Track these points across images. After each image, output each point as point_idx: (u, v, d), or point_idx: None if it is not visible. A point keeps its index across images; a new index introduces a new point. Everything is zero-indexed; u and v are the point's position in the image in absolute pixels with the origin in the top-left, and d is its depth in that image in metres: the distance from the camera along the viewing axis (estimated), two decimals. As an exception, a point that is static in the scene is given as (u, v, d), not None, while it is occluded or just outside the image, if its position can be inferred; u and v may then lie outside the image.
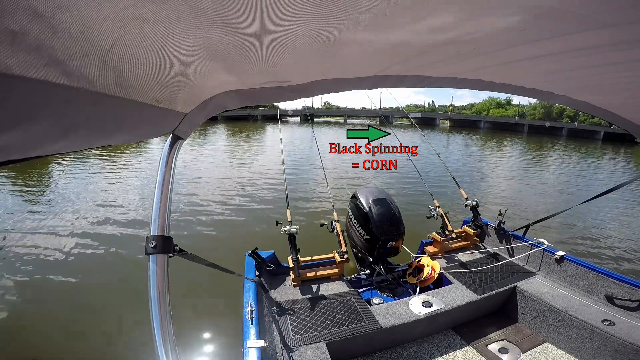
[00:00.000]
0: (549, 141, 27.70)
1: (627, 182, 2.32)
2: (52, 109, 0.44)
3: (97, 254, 4.93)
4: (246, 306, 1.95)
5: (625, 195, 7.56)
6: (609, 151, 21.44)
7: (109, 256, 4.87)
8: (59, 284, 4.13)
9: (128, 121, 0.66)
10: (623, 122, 1.56)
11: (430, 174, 8.77)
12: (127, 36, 0.42)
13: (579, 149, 22.18)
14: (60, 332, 3.27)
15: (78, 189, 8.54)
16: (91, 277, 4.29)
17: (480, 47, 0.75)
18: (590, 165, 14.34)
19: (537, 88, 1.20)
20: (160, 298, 0.77)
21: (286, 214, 2.78)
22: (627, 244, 5.14)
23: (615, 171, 13.93)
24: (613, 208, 6.77)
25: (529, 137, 32.02)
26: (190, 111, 0.81)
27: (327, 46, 0.63)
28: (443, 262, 2.88)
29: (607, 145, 24.49)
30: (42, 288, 4.06)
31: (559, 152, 19.96)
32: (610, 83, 1.07)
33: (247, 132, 25.56)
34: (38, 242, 5.30)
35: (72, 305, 3.71)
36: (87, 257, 4.84)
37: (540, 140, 28.76)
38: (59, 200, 7.55)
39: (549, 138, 31.86)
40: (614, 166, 15.03)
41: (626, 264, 4.46)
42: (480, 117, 51.73)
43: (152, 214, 0.82)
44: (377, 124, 49.32)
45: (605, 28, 0.61)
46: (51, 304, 3.73)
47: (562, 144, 25.97)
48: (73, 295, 3.92)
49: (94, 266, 4.59)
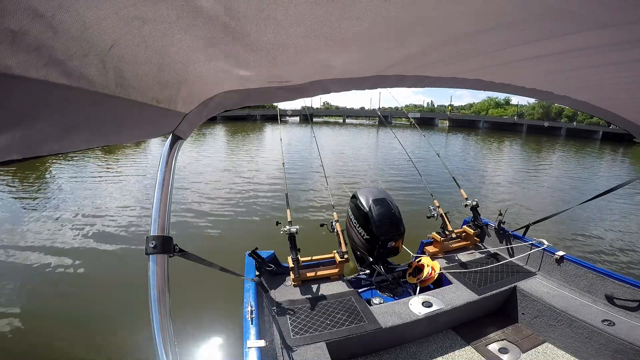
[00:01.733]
0: (547, 141, 27.67)
1: (626, 182, 2.32)
2: (52, 108, 0.44)
3: (97, 254, 4.94)
4: (246, 306, 1.95)
5: (625, 194, 7.57)
6: (607, 151, 21.42)
7: (108, 256, 4.87)
8: (59, 284, 4.13)
9: (128, 121, 0.66)
10: (623, 122, 1.56)
11: (430, 175, 8.78)
12: (127, 36, 0.42)
13: (577, 148, 22.16)
14: (60, 331, 3.27)
15: (77, 190, 8.54)
16: (90, 277, 4.30)
17: (480, 47, 0.75)
18: (590, 165, 14.32)
19: (537, 88, 1.20)
20: (160, 298, 0.76)
21: (286, 214, 2.78)
22: (627, 243, 5.14)
23: (614, 170, 13.92)
24: (613, 208, 6.77)
25: (528, 137, 31.98)
26: (190, 111, 0.81)
27: (327, 46, 0.63)
28: (443, 262, 2.88)
29: (606, 145, 24.46)
30: (41, 289, 4.06)
31: (558, 152, 19.93)
32: (610, 83, 1.07)
33: (246, 132, 25.58)
34: (37, 243, 5.29)
35: (71, 305, 3.71)
36: (86, 257, 4.84)
37: (539, 140, 28.73)
38: (57, 202, 7.54)
39: (548, 138, 31.83)
40: (613, 165, 15.00)
41: (626, 264, 4.46)
42: (479, 117, 51.91)
43: (152, 213, 0.82)
44: (377, 123, 49.42)
45: (605, 28, 0.61)
46: (51, 304, 3.73)
47: (561, 143, 25.93)
48: (72, 295, 3.92)
49: (93, 266, 4.59)
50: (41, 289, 4.03)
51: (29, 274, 4.31)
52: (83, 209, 6.91)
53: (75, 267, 4.51)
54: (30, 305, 3.70)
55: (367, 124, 48.52)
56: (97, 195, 8.00)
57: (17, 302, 3.73)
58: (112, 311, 3.54)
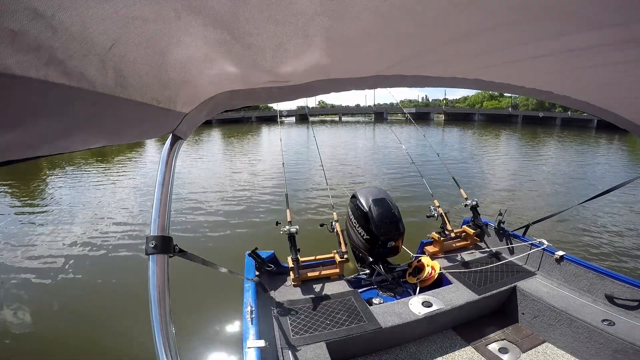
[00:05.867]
0: (543, 132, 27.38)
1: (627, 181, 2.31)
2: (52, 109, 0.44)
3: (97, 255, 4.94)
4: (246, 306, 1.95)
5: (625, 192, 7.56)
6: (604, 140, 21.13)
7: (108, 257, 4.87)
8: (59, 286, 4.13)
9: (128, 121, 0.66)
10: (623, 121, 1.56)
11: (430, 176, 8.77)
12: (128, 36, 0.42)
13: (574, 138, 21.93)
14: (61, 332, 3.27)
15: (76, 196, 8.56)
16: (90, 278, 4.30)
17: (479, 47, 0.75)
18: (590, 158, 14.04)
19: (537, 88, 1.20)
20: (160, 298, 0.76)
21: (286, 214, 2.78)
22: (628, 242, 5.13)
23: (613, 160, 13.76)
24: (613, 207, 6.76)
25: (524, 128, 31.66)
26: (190, 111, 0.81)
27: (327, 46, 0.63)
28: (443, 261, 2.88)
29: (602, 134, 24.11)
30: (41, 291, 4.06)
31: (555, 143, 19.64)
32: (611, 83, 1.07)
33: (243, 134, 25.51)
34: (38, 244, 5.29)
35: (72, 306, 3.72)
36: (86, 258, 4.85)
37: (534, 131, 28.45)
38: (57, 209, 7.57)
39: (544, 128, 31.56)
40: (612, 155, 14.82)
41: (626, 263, 4.46)
42: (474, 109, 51.79)
43: (152, 214, 0.82)
44: (372, 120, 49.36)
45: (605, 28, 0.61)
46: (52, 306, 3.73)
47: (557, 134, 25.64)
48: (73, 296, 3.92)
49: (93, 267, 4.60)
50: (42, 292, 4.04)
51: (31, 278, 4.31)
52: (82, 214, 6.93)
53: (75, 271, 4.53)
54: (32, 309, 3.71)
55: (363, 121, 48.40)
56: (97, 200, 8.02)
57: (18, 305, 3.73)
58: (112, 312, 3.54)
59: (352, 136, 24.04)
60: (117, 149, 15.59)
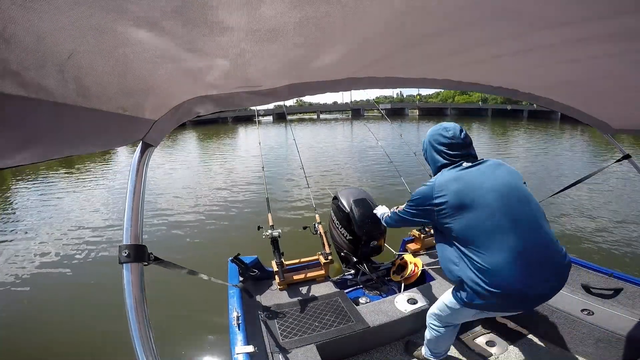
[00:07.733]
0: (512, 124, 28.60)
1: (594, 172, 2.34)
2: (8, 121, 0.42)
3: (69, 264, 4.78)
4: (232, 312, 1.92)
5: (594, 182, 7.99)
6: (568, 130, 22.18)
7: (82, 267, 4.70)
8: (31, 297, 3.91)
9: (92, 131, 0.64)
10: (586, 117, 1.65)
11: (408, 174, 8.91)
12: (85, 46, 0.41)
13: (540, 129, 22.89)
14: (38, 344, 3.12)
15: (43, 207, 8.13)
16: (63, 288, 4.15)
17: (445, 47, 0.77)
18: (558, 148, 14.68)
19: (503, 86, 1.25)
20: (137, 307, 0.74)
21: (267, 218, 2.76)
22: (599, 232, 5.38)
23: (578, 148, 14.56)
24: (580, 198, 7.11)
25: (494, 121, 32.90)
26: (160, 118, 0.79)
27: (297, 51, 0.63)
28: (425, 258, 2.92)
29: (565, 125, 25.24)
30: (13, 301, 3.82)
31: (523, 135, 20.44)
32: (572, 80, 1.12)
33: (219, 136, 25.01)
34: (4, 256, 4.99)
35: (48, 317, 3.56)
36: (58, 266, 4.67)
37: (503, 123, 29.64)
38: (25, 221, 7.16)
39: (512, 120, 33.02)
40: (578, 145, 15.62)
41: (597, 253, 4.67)
42: (446, 104, 53.90)
43: (124, 223, 0.79)
44: (350, 117, 49.87)
45: (561, 27, 0.64)
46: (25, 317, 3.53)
47: (524, 125, 26.74)
48: (44, 306, 3.75)
49: (63, 278, 4.44)
50: (13, 303, 3.86)
51: None
52: (53, 225, 6.59)
53: (47, 280, 4.36)
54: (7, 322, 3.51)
55: (341, 118, 48.99)
56: (66, 209, 7.65)
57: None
58: (89, 321, 3.43)
59: (331, 135, 24.11)
60: (87, 156, 14.91)
